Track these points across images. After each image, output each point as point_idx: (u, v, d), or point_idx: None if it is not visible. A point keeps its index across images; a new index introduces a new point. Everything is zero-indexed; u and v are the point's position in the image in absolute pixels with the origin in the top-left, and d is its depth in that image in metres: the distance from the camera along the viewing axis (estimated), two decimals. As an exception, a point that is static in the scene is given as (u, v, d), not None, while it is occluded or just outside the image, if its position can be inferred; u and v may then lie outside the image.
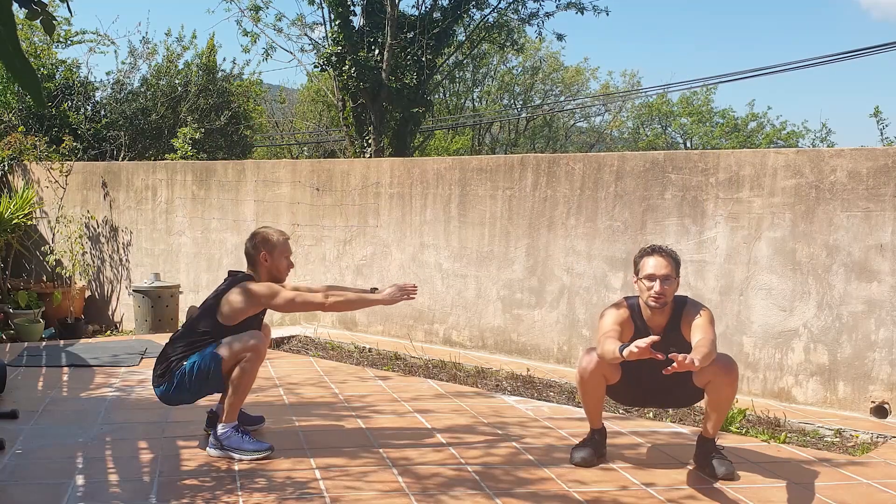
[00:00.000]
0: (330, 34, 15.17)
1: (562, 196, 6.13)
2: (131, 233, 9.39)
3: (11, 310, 9.13)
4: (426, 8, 15.53)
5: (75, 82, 12.50)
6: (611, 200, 5.88)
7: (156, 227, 9.13)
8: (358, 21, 14.95)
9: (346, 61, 14.44)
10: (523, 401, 5.05)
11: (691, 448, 3.88)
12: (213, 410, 4.11)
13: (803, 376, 5.08)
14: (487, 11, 16.82)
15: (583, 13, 16.91)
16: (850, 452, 4.16)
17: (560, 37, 17.60)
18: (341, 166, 7.66)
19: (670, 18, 58.87)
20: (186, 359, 3.79)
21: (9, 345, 7.03)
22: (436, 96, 23.49)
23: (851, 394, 4.92)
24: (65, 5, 2.89)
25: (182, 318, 8.69)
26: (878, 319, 4.82)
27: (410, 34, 15.02)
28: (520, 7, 17.08)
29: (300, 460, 3.75)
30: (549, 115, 30.52)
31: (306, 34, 17.33)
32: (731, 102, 72.25)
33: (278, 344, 6.77)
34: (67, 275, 9.63)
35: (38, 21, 2.64)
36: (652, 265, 3.60)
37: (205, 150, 12.29)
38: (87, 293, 9.87)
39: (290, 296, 3.82)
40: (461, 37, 17.60)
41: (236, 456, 3.73)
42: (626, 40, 57.39)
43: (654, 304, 3.59)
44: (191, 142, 11.29)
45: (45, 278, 10.00)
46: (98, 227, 9.71)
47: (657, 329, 3.66)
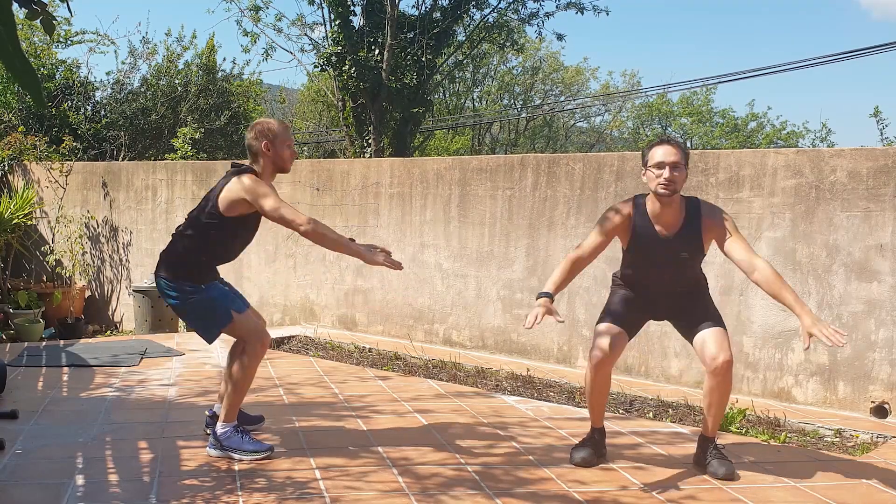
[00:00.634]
0: (330, 34, 15.17)
1: (562, 196, 6.13)
2: (131, 233, 9.39)
3: (11, 310, 9.13)
4: (426, 8, 15.54)
5: (75, 82, 12.51)
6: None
7: (156, 227, 9.13)
8: (358, 21, 14.96)
9: (346, 61, 14.45)
10: (523, 401, 5.05)
11: (691, 448, 3.89)
12: (212, 411, 4.11)
13: (803, 376, 5.08)
14: (487, 11, 16.82)
15: (583, 13, 16.92)
16: (850, 452, 4.16)
17: (560, 37, 17.62)
18: (341, 166, 7.66)
19: (670, 18, 58.90)
20: (206, 284, 3.75)
21: (9, 345, 7.03)
22: (436, 96, 23.49)
23: (851, 394, 4.92)
24: (65, 5, 2.88)
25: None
26: (878, 319, 4.82)
27: (410, 34, 15.03)
28: (520, 7, 17.09)
29: (300, 460, 3.75)
30: (549, 115, 30.52)
31: (306, 34, 17.34)
32: (731, 102, 72.30)
33: (278, 344, 6.77)
34: (67, 275, 9.63)
35: (38, 21, 2.64)
36: (661, 153, 3.52)
37: (205, 150, 12.30)
38: (87, 293, 9.87)
39: (276, 203, 3.67)
40: (461, 37, 17.60)
41: (236, 456, 3.73)
42: (626, 40, 57.42)
43: (663, 191, 3.49)
44: (191, 142, 11.29)
45: (45, 278, 10.00)
46: (98, 227, 9.71)
47: (666, 227, 3.58)
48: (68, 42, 13.43)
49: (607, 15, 17.39)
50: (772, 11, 58.80)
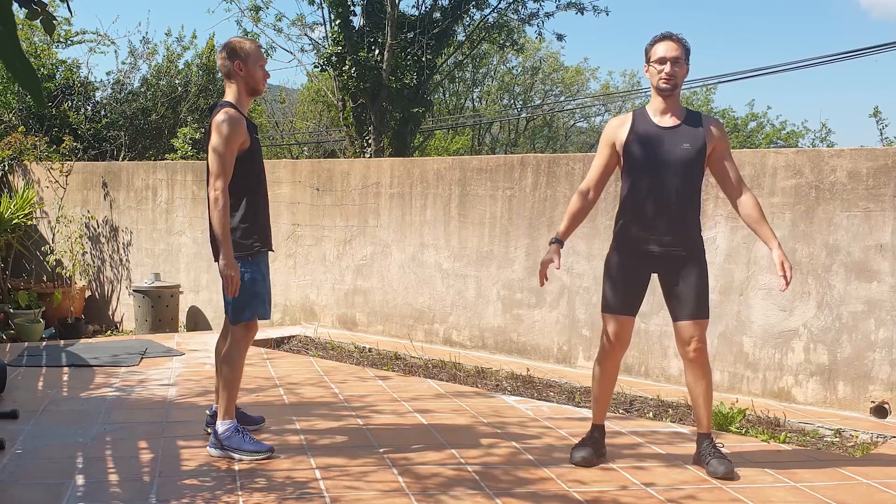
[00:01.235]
0: (330, 34, 15.16)
1: (562, 196, 6.13)
2: (131, 233, 9.38)
3: (11, 310, 9.13)
4: (426, 8, 15.53)
5: (75, 82, 12.51)
6: (611, 200, 5.88)
7: (156, 227, 9.13)
8: (358, 21, 14.95)
9: (346, 61, 14.44)
10: (523, 401, 5.05)
11: (691, 448, 3.89)
12: (213, 411, 4.11)
13: (803, 376, 5.08)
14: (487, 11, 16.81)
15: (583, 13, 16.90)
16: (850, 452, 4.16)
17: (560, 37, 17.60)
18: (341, 166, 7.66)
19: (670, 18, 58.89)
20: (258, 254, 3.78)
21: (9, 345, 7.03)
22: (436, 96, 23.48)
23: (851, 394, 4.92)
24: (65, 5, 2.89)
25: (182, 318, 8.70)
26: (878, 319, 4.82)
27: (410, 34, 15.02)
28: (520, 7, 17.08)
29: (300, 460, 3.75)
30: (549, 115, 30.52)
31: (306, 34, 17.34)
32: (731, 102, 72.36)
33: (278, 344, 6.77)
34: (67, 275, 9.63)
35: (38, 21, 2.64)
36: (663, 49, 3.61)
37: (205, 150, 12.28)
38: (88, 293, 9.87)
39: (220, 148, 3.58)
40: (461, 37, 17.59)
41: (236, 456, 3.73)
42: (626, 40, 57.44)
43: (664, 85, 3.59)
44: (191, 142, 11.30)
45: (45, 278, 10.00)
46: (98, 227, 9.71)
47: (668, 119, 3.64)
48: (68, 42, 13.44)
49: (607, 15, 17.38)
50: (772, 11, 58.84)
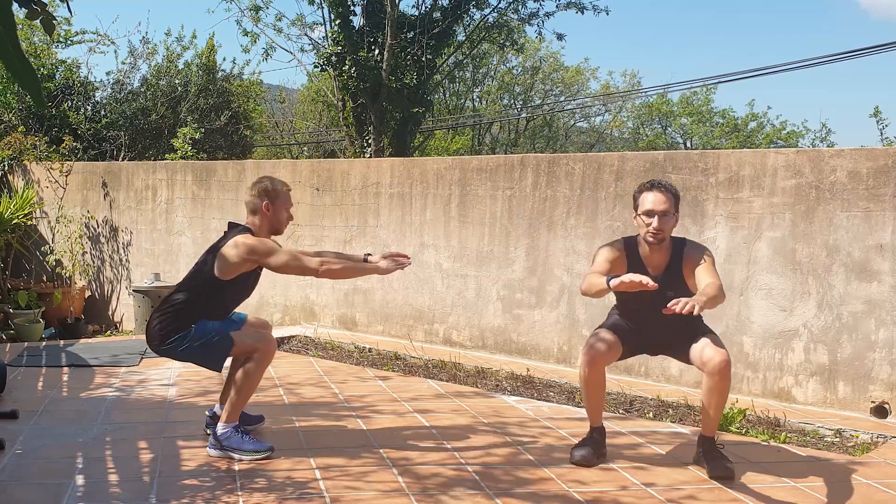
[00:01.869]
0: (330, 34, 15.16)
1: (562, 196, 6.13)
2: (131, 233, 9.38)
3: (11, 310, 9.13)
4: (426, 8, 15.53)
5: (75, 82, 12.50)
6: (611, 200, 5.88)
7: (156, 227, 9.13)
8: (358, 21, 14.95)
9: (346, 61, 14.44)
10: (523, 401, 5.05)
11: (691, 448, 3.89)
12: (212, 412, 4.11)
13: (803, 376, 5.08)
14: (487, 11, 16.81)
15: (583, 13, 16.90)
16: (850, 452, 4.16)
17: (560, 37, 17.60)
18: (341, 166, 7.66)
19: (670, 18, 58.90)
20: (194, 323, 3.74)
21: (9, 345, 7.03)
22: (436, 96, 23.47)
23: (851, 394, 4.92)
24: (65, 5, 2.89)
25: (182, 318, 8.69)
26: (878, 319, 4.82)
27: (410, 34, 15.02)
28: (520, 7, 17.08)
29: (300, 460, 3.75)
30: (549, 115, 30.52)
31: (306, 34, 17.33)
32: (731, 102, 72.37)
33: (278, 344, 6.76)
34: (67, 275, 9.63)
35: (38, 21, 2.64)
36: (651, 200, 3.58)
37: (205, 150, 12.29)
38: (87, 293, 9.87)
39: (285, 257, 3.75)
40: (461, 37, 17.59)
41: (236, 456, 3.73)
42: (626, 40, 57.43)
43: (651, 239, 3.58)
44: (191, 142, 11.29)
45: (45, 278, 10.00)
46: (98, 227, 9.71)
47: (655, 268, 3.65)
48: (68, 42, 13.43)
49: (607, 15, 17.36)
50: (771, 11, 58.84)
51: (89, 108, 12.68)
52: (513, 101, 30.61)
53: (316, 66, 16.32)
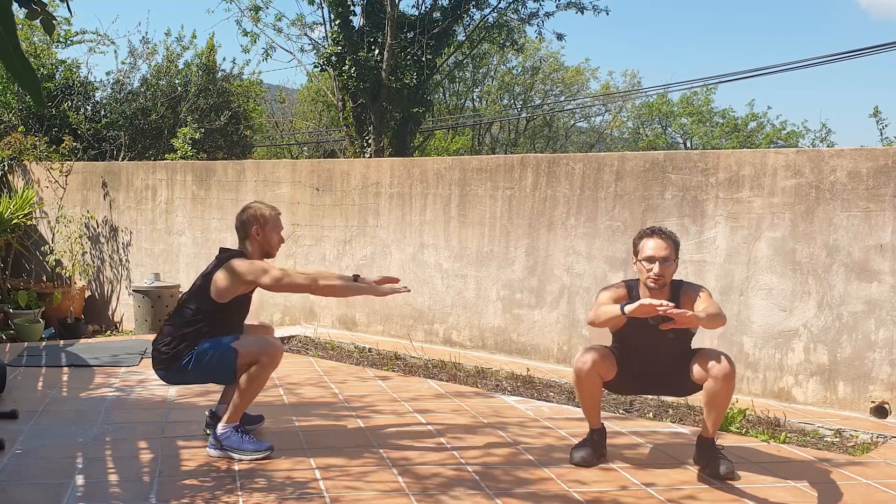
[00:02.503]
0: (330, 34, 15.17)
1: (562, 196, 6.13)
2: (131, 233, 9.38)
3: (11, 310, 9.13)
4: (426, 8, 15.53)
5: (75, 82, 12.50)
6: (611, 200, 5.88)
7: (156, 227, 9.13)
8: (358, 21, 14.95)
9: (346, 61, 14.44)
10: (523, 401, 5.05)
11: (691, 448, 3.88)
12: (212, 412, 4.11)
13: (803, 376, 5.08)
14: (487, 11, 16.82)
15: (583, 13, 16.91)
16: (850, 452, 4.16)
17: (560, 37, 17.62)
18: (341, 166, 7.66)
19: (670, 18, 58.91)
20: (197, 343, 3.76)
21: (9, 345, 7.03)
22: (436, 96, 23.48)
23: (851, 394, 4.91)
24: (65, 5, 2.89)
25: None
26: (878, 319, 4.82)
27: (410, 34, 15.02)
28: (520, 7, 17.08)
29: (300, 460, 3.75)
30: (549, 115, 30.51)
31: (306, 34, 17.34)
32: (731, 102, 72.38)
33: (278, 344, 6.76)
34: (67, 275, 9.62)
35: (38, 21, 2.64)
36: (651, 247, 3.64)
37: (205, 150, 12.29)
38: (87, 293, 9.87)
39: (278, 275, 3.77)
40: (461, 37, 17.59)
41: (236, 456, 3.73)
42: (626, 40, 57.44)
43: (653, 285, 3.64)
44: (191, 142, 11.29)
45: (45, 278, 10.00)
46: (98, 227, 9.71)
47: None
48: (68, 42, 13.42)
49: (607, 15, 17.36)
50: (771, 11, 58.86)
51: (89, 108, 12.68)
52: (513, 101, 30.61)
53: (316, 66, 16.32)
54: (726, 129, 31.50)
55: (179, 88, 12.93)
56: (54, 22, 2.71)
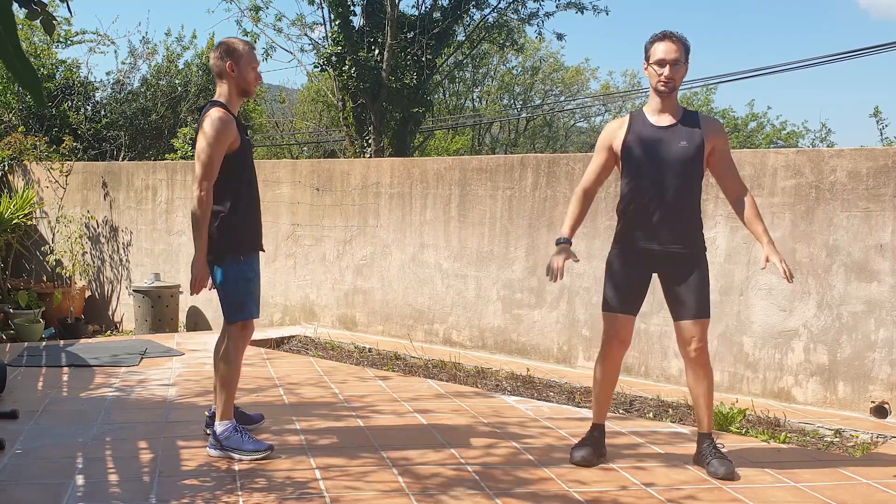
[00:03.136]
0: (330, 34, 15.16)
1: (562, 196, 6.13)
2: (131, 233, 9.38)
3: (11, 310, 9.13)
4: (426, 8, 15.53)
5: (75, 82, 12.51)
6: (611, 200, 5.88)
7: (156, 227, 9.13)
8: (358, 21, 14.95)
9: (346, 61, 14.44)
10: (523, 401, 5.05)
11: (691, 448, 3.89)
12: (212, 411, 4.11)
13: (803, 376, 5.08)
14: (487, 11, 16.80)
15: (583, 13, 16.88)
16: (850, 452, 4.16)
17: (560, 37, 17.59)
18: (341, 166, 7.66)
19: (670, 18, 58.92)
20: (249, 255, 3.84)
21: (9, 345, 7.03)
22: (436, 96, 23.48)
23: (851, 394, 4.92)
24: (65, 5, 2.89)
25: (182, 317, 8.70)
26: (878, 319, 4.82)
27: (410, 34, 15.02)
28: (520, 7, 17.07)
29: (300, 460, 3.75)
30: (549, 115, 30.52)
31: (306, 34, 17.32)
32: (731, 102, 72.44)
33: (278, 344, 6.77)
34: (67, 275, 9.63)
35: (38, 21, 2.64)
36: (662, 50, 3.61)
37: (194, 148, 12.29)
38: (87, 293, 9.87)
39: (206, 150, 3.70)
40: (461, 37, 17.58)
41: (236, 456, 3.73)
42: (626, 40, 57.47)
43: (663, 88, 3.62)
44: (191, 142, 11.29)
45: (45, 278, 10.00)
46: (98, 227, 9.71)
47: (666, 119, 3.67)
48: (68, 42, 13.44)
49: (607, 15, 17.34)
50: (771, 11, 58.88)
51: (89, 108, 12.69)
52: (513, 101, 30.61)
53: (316, 66, 16.31)
54: (726, 129, 31.47)
55: (179, 88, 12.94)
56: (54, 22, 2.72)
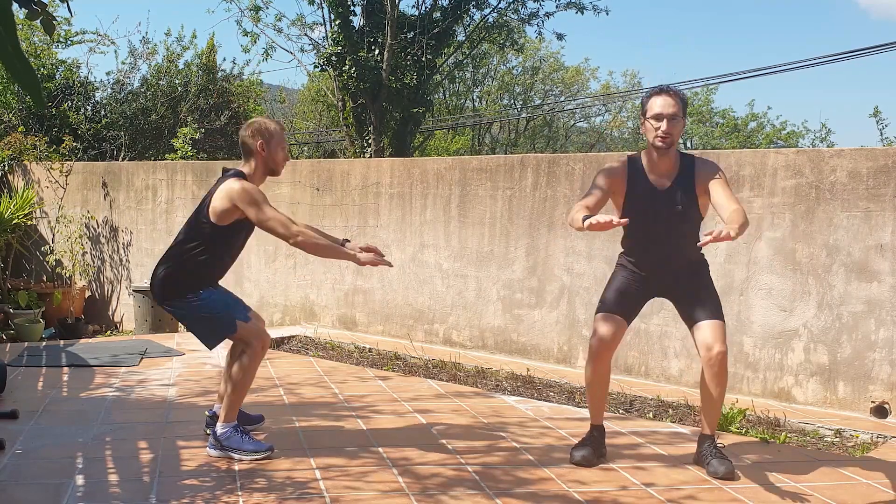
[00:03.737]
0: (330, 34, 15.17)
1: (562, 196, 6.13)
2: (131, 233, 9.38)
3: (11, 310, 9.13)
4: (426, 8, 15.53)
5: (75, 82, 12.51)
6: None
7: (156, 227, 9.13)
8: (358, 21, 14.96)
9: (346, 61, 14.45)
10: (523, 401, 5.05)
11: (691, 448, 3.89)
12: (212, 411, 4.11)
13: (803, 376, 5.08)
14: (487, 11, 16.81)
15: (583, 13, 16.90)
16: (850, 452, 4.16)
17: (560, 37, 17.61)
18: (341, 166, 7.66)
19: (671, 18, 58.91)
20: (203, 290, 3.73)
21: (9, 345, 7.03)
22: (436, 96, 23.48)
23: (851, 394, 4.92)
24: (65, 5, 2.89)
25: (182, 318, 8.69)
26: (878, 319, 4.82)
27: (410, 34, 15.02)
28: (520, 7, 17.08)
29: (300, 460, 3.75)
30: (549, 115, 30.52)
31: (306, 34, 17.33)
32: (731, 102, 72.39)
33: (278, 344, 6.77)
34: (67, 275, 9.63)
35: (38, 21, 2.64)
36: (660, 104, 3.57)
37: (205, 150, 12.30)
38: (87, 293, 9.87)
39: (269, 212, 3.65)
40: (461, 37, 17.59)
41: (236, 456, 3.72)
42: (626, 40, 57.45)
43: (660, 144, 3.56)
44: (191, 142, 11.30)
45: (45, 278, 10.00)
46: (98, 227, 9.71)
47: (662, 177, 3.63)
48: (68, 42, 13.43)
49: (607, 15, 17.35)
50: (771, 11, 58.87)
51: (89, 108, 12.68)
52: (513, 101, 30.62)
53: (316, 66, 16.32)
54: (726, 129, 31.51)
55: (179, 88, 12.93)
56: (54, 22, 2.72)
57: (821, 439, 4.42)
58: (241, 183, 3.70)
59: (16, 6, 2.23)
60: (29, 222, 10.00)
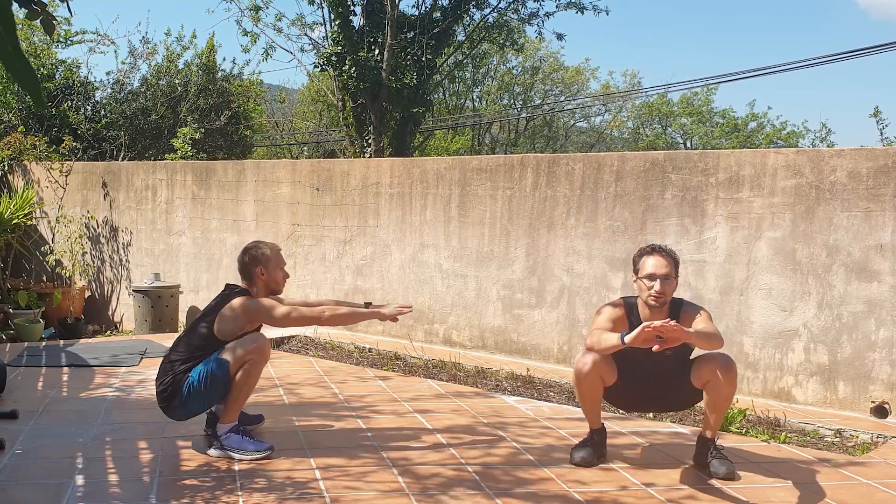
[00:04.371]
0: (330, 34, 15.18)
1: (562, 196, 6.13)
2: (131, 233, 9.38)
3: (11, 310, 9.13)
4: (426, 8, 15.54)
5: (75, 82, 12.50)
6: (611, 200, 5.88)
7: (156, 227, 9.13)
8: (358, 21, 14.96)
9: (346, 61, 14.45)
10: (523, 401, 5.05)
11: (691, 448, 3.88)
12: (213, 411, 4.10)
13: (803, 376, 5.08)
14: (487, 11, 16.83)
15: (583, 13, 16.92)
16: (850, 452, 4.16)
17: (560, 36, 17.63)
18: (341, 166, 7.66)
19: (671, 18, 58.91)
20: (190, 371, 3.76)
21: (9, 345, 7.03)
22: (436, 96, 23.48)
23: (851, 394, 4.91)
24: (65, 5, 2.89)
25: (182, 318, 8.70)
26: (878, 319, 4.82)
27: (410, 34, 15.03)
28: (520, 7, 17.09)
29: (300, 460, 3.75)
30: (549, 115, 30.52)
31: (306, 34, 17.35)
32: (731, 102, 72.41)
33: (278, 344, 6.77)
34: (67, 275, 9.62)
35: (38, 21, 2.64)
36: (652, 265, 3.64)
37: (205, 150, 12.29)
38: (87, 293, 9.87)
39: (286, 311, 3.81)
40: (461, 37, 17.60)
41: (236, 456, 3.73)
42: (626, 40, 57.46)
43: (654, 303, 3.63)
44: (191, 142, 11.29)
45: (45, 278, 9.99)
46: (98, 227, 9.71)
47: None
48: (68, 42, 13.43)
49: (607, 15, 17.37)
50: (771, 11, 58.90)
51: (89, 108, 12.68)
52: (513, 101, 30.63)
53: (316, 66, 16.33)
54: (726, 130, 31.50)
55: (179, 88, 12.93)
56: (54, 22, 2.72)
57: (821, 439, 4.42)
58: (249, 299, 3.84)
59: (16, 6, 2.23)
60: (29, 222, 9.99)
